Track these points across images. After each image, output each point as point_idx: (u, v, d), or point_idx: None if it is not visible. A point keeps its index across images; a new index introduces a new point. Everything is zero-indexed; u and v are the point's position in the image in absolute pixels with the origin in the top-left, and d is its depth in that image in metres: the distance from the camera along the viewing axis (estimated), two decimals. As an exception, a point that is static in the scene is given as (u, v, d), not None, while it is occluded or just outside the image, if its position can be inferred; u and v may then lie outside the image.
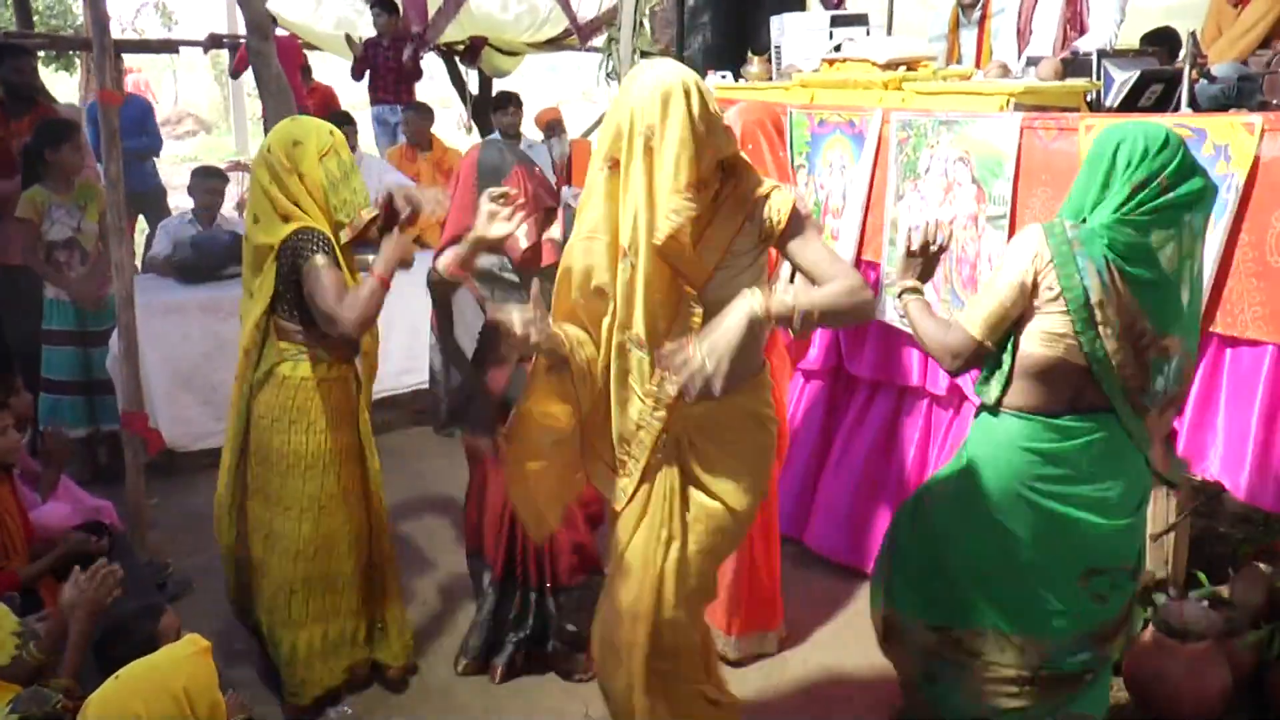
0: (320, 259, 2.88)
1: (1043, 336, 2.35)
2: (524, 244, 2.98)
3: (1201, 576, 3.21)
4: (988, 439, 2.51)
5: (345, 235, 2.99)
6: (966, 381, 3.49)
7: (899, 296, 2.64)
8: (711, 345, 2.16)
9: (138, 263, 6.42)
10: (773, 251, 2.50)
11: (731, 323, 2.18)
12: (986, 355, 2.46)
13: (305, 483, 3.04)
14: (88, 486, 3.86)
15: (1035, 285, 2.33)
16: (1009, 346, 2.44)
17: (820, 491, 4.12)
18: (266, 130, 4.98)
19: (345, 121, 6.70)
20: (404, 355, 5.08)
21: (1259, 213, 2.68)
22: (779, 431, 3.08)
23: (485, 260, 2.95)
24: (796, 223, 2.29)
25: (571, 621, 3.25)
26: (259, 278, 2.98)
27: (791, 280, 3.05)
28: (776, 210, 2.27)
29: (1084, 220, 2.34)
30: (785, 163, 3.16)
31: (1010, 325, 2.41)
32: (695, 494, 2.40)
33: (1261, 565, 3.23)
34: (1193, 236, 2.33)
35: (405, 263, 2.99)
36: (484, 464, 3.25)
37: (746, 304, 2.19)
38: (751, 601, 3.40)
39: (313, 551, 3.06)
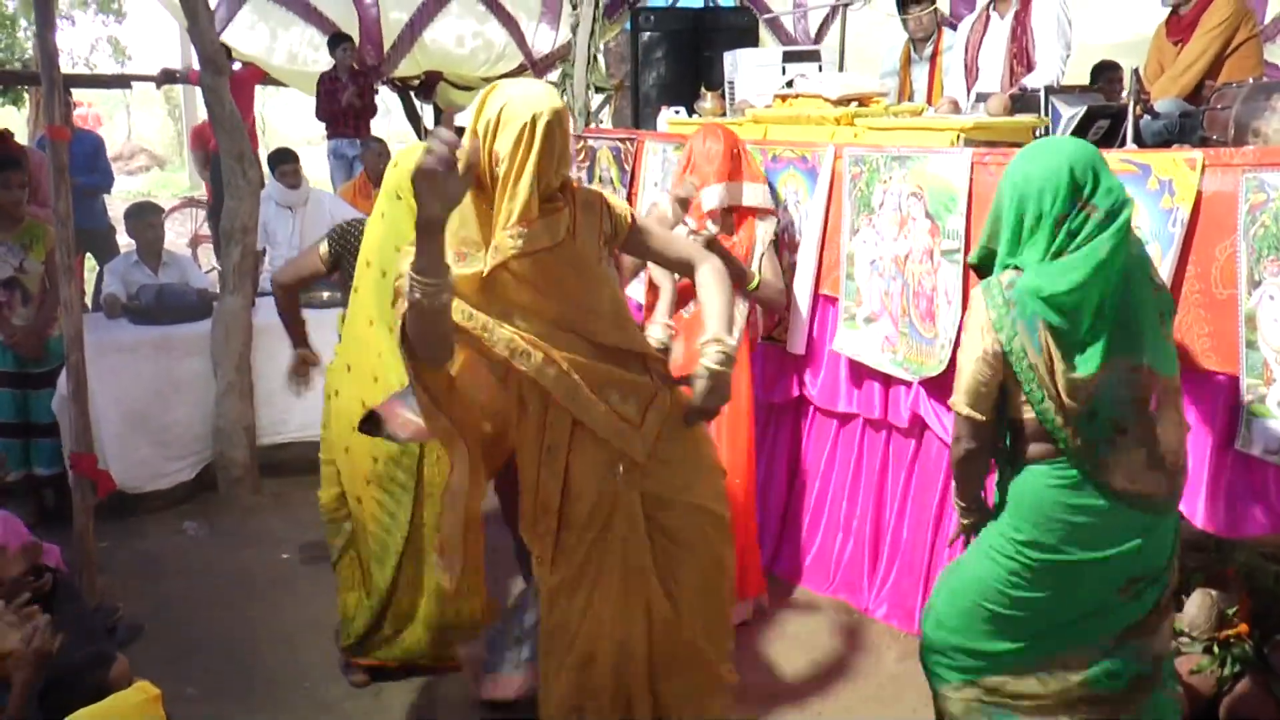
0: None
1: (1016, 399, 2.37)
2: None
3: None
4: (1013, 492, 2.46)
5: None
6: (929, 412, 3.52)
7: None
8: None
9: (87, 301, 6.36)
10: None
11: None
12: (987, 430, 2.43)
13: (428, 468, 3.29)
14: (34, 530, 3.76)
15: (1000, 352, 2.31)
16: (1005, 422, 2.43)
17: (788, 524, 4.15)
18: (221, 166, 4.97)
19: (287, 159, 6.68)
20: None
21: (1203, 246, 2.73)
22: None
23: None
24: (639, 222, 2.41)
25: None
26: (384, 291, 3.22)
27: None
28: (621, 212, 2.36)
29: (1015, 268, 2.31)
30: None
31: (995, 393, 2.37)
32: (671, 510, 2.39)
33: (1213, 591, 3.26)
34: (1136, 256, 2.30)
35: None
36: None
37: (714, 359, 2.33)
38: None
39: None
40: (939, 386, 3.48)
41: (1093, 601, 2.42)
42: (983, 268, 2.47)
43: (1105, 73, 5.93)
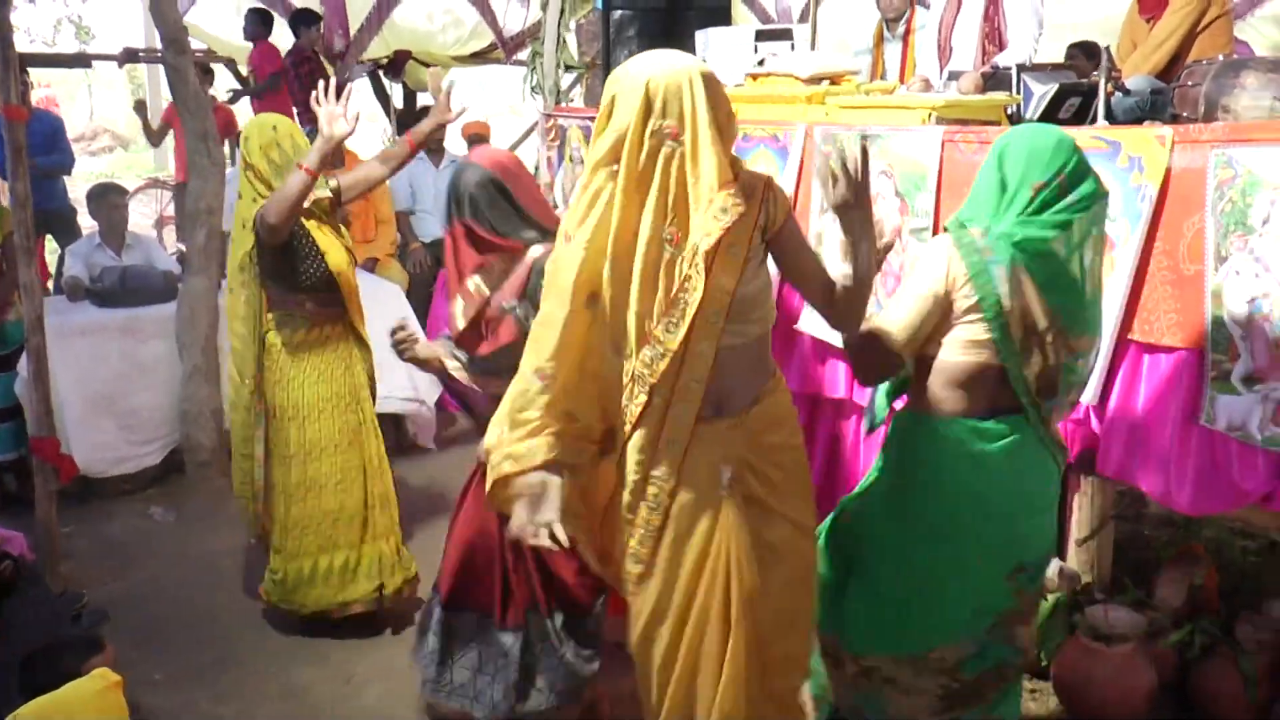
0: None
1: (965, 344, 2.36)
2: (460, 322, 2.65)
3: (1126, 580, 3.26)
4: (908, 445, 2.49)
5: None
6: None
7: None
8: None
9: (49, 284, 6.26)
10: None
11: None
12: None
13: (296, 432, 3.51)
14: (-4, 517, 3.72)
15: (950, 299, 2.33)
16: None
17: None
18: (186, 148, 4.89)
19: None
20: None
21: (1171, 222, 2.73)
22: None
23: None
24: (793, 221, 2.24)
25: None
26: (239, 245, 3.47)
27: None
28: (780, 201, 2.20)
29: (988, 228, 2.36)
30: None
31: (925, 337, 2.39)
32: (770, 523, 2.27)
33: (1182, 566, 3.29)
34: (1094, 240, 2.37)
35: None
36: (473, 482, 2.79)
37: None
38: None
39: (303, 494, 3.53)
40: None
41: (980, 585, 2.43)
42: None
43: (1079, 51, 5.87)
